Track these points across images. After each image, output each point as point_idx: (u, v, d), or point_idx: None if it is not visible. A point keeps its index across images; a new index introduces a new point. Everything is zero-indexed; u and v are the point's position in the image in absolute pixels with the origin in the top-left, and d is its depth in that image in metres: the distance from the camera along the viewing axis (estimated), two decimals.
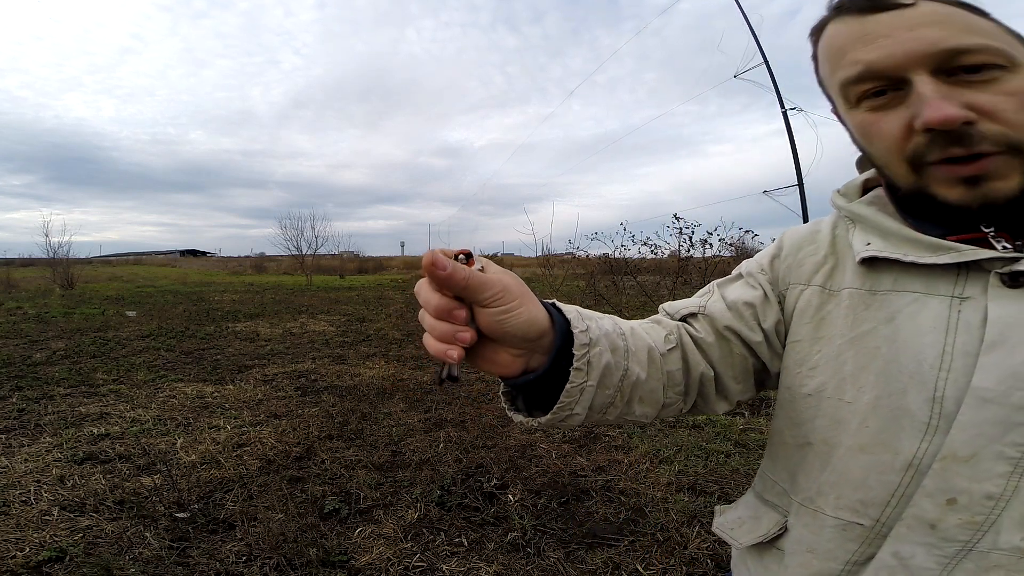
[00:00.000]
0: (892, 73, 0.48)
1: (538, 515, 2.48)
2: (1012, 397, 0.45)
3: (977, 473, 0.47)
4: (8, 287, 15.23)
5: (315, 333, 7.87)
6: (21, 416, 3.77)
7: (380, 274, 33.14)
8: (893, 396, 0.51)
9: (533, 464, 3.04)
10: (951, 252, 0.49)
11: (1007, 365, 0.46)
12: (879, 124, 0.50)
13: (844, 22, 0.51)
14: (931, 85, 0.46)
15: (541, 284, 10.62)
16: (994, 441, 0.46)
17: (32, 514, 2.39)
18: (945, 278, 0.50)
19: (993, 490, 0.47)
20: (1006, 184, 0.46)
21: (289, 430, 3.56)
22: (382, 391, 4.60)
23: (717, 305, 0.64)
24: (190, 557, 2.12)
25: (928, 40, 0.46)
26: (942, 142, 0.46)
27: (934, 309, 0.50)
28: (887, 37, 0.48)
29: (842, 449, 0.55)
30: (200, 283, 21.37)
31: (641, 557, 2.14)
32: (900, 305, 0.52)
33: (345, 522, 2.41)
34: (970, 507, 0.48)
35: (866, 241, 0.55)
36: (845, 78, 0.51)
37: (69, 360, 5.63)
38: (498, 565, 2.10)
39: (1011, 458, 0.46)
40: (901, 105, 0.49)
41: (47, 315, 9.31)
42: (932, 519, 0.49)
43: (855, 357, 0.54)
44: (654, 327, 0.63)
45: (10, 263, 30.42)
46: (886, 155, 0.51)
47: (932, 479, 0.49)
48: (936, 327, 0.50)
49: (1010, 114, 0.45)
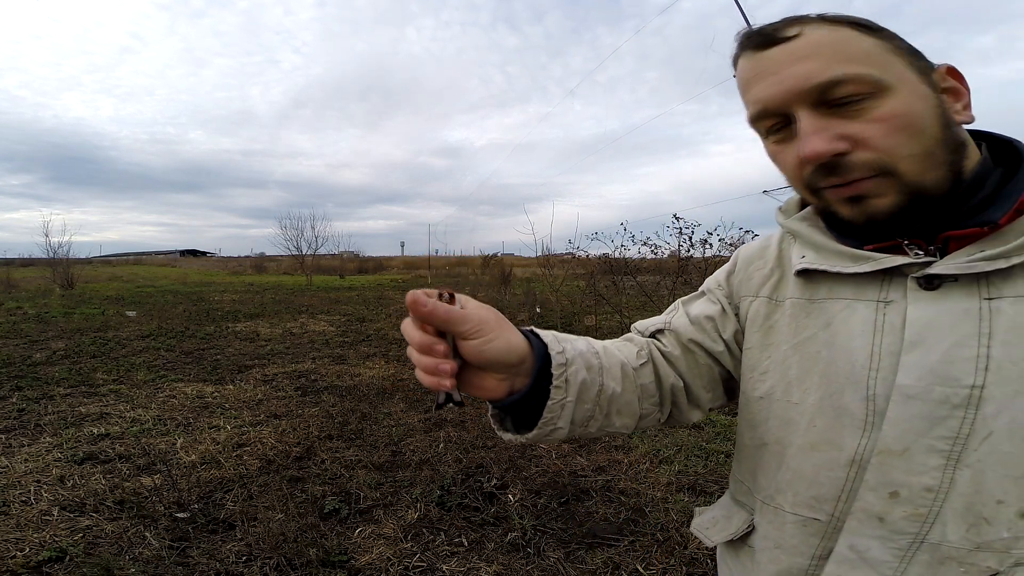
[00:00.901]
0: (780, 111, 0.52)
1: (538, 515, 2.48)
2: (932, 393, 0.49)
3: (912, 466, 0.50)
4: (8, 287, 15.23)
5: (315, 333, 7.87)
6: (21, 416, 3.77)
7: (380, 274, 33.15)
8: (834, 396, 0.55)
9: (533, 464, 3.04)
10: (869, 261, 0.53)
11: (926, 363, 0.49)
12: (781, 156, 0.55)
13: (746, 58, 0.55)
14: (808, 120, 0.50)
15: (541, 284, 10.62)
16: (923, 436, 0.49)
17: (32, 514, 2.39)
18: (872, 284, 0.54)
19: (931, 483, 0.50)
20: (883, 201, 0.50)
21: (289, 430, 3.56)
22: (382, 391, 4.60)
23: (681, 320, 0.70)
24: (190, 557, 2.12)
25: (803, 76, 0.50)
26: (823, 172, 0.51)
27: (863, 313, 0.54)
28: (774, 74, 0.51)
29: (793, 448, 0.58)
30: (200, 283, 21.38)
31: (641, 557, 2.14)
32: (834, 311, 0.56)
33: (345, 522, 2.41)
34: (912, 500, 0.50)
35: (801, 254, 0.60)
36: (749, 116, 0.56)
37: (69, 360, 5.63)
38: (498, 565, 2.10)
39: (941, 451, 0.49)
40: (794, 138, 0.53)
41: (47, 315, 9.31)
42: (879, 512, 0.52)
43: (799, 361, 0.58)
44: (626, 345, 0.69)
45: (10, 263, 30.44)
46: (792, 182, 0.56)
47: (872, 473, 0.52)
48: (865, 330, 0.53)
49: (879, 140, 0.48)
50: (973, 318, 0.48)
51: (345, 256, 35.38)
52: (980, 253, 0.48)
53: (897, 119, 0.48)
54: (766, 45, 0.52)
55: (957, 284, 0.49)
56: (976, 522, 0.48)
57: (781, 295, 0.63)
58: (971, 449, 0.48)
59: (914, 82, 0.50)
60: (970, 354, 0.48)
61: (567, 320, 8.26)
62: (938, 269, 0.49)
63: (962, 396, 0.48)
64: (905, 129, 0.48)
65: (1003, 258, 0.47)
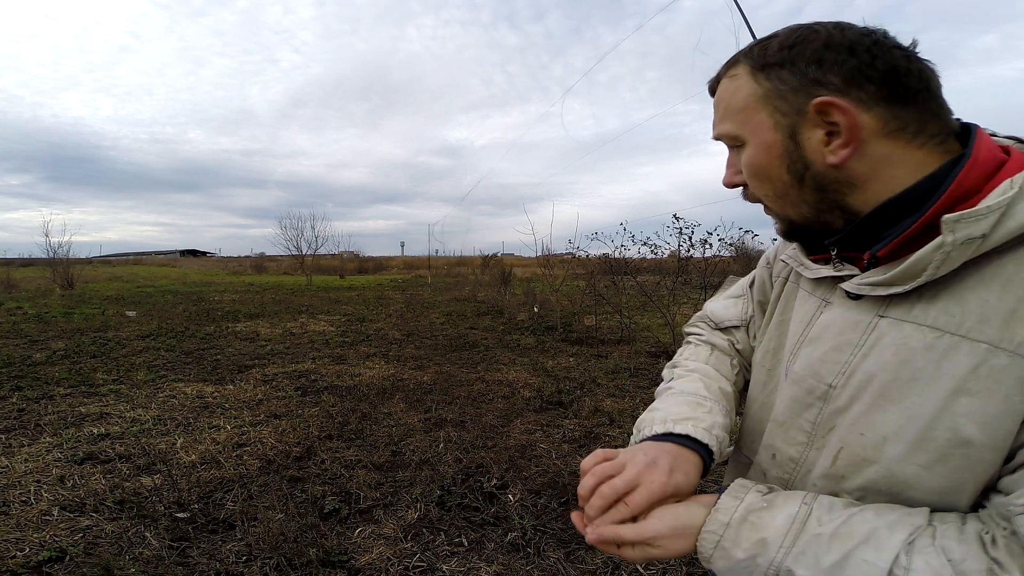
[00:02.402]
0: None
1: (538, 515, 2.48)
2: (805, 383, 0.59)
3: (787, 437, 0.61)
4: (8, 287, 15.23)
5: (315, 333, 7.87)
6: (21, 416, 3.77)
7: (380, 274, 33.14)
8: (776, 368, 0.67)
9: (533, 464, 3.04)
10: (810, 269, 0.63)
11: (811, 357, 0.59)
12: None
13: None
14: (729, 157, 0.61)
15: (541, 284, 10.62)
16: (796, 415, 0.60)
17: (32, 514, 2.39)
18: (823, 286, 0.63)
19: (795, 455, 0.60)
20: (779, 226, 0.62)
21: (289, 430, 3.56)
22: (382, 391, 4.60)
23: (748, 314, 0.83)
24: (190, 557, 2.12)
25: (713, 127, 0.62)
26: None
27: (808, 307, 0.64)
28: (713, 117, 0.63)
29: (756, 404, 0.71)
30: (200, 283, 21.37)
31: None
32: (798, 300, 0.67)
33: (345, 522, 2.41)
34: (783, 464, 0.62)
35: (788, 250, 0.71)
36: None
37: (69, 360, 5.63)
38: (498, 565, 2.10)
39: (806, 431, 0.59)
40: None
41: (47, 315, 9.31)
42: (764, 467, 0.65)
43: (776, 336, 0.69)
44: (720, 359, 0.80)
45: (10, 263, 30.42)
46: None
47: (767, 435, 0.65)
48: (803, 320, 0.63)
49: (749, 180, 0.59)
50: (859, 330, 0.55)
51: (345, 256, 35.36)
52: (867, 279, 0.54)
53: (749, 168, 0.58)
54: (712, 92, 0.63)
55: (870, 299, 0.55)
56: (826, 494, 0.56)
57: (786, 276, 0.73)
58: (820, 436, 0.58)
59: (765, 133, 0.55)
60: (841, 359, 0.56)
61: (567, 320, 8.26)
62: (844, 285, 0.57)
63: (821, 391, 0.58)
64: (755, 176, 0.58)
65: (883, 286, 0.52)
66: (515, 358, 6.00)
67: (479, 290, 14.42)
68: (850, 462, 0.54)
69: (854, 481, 0.54)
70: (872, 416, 0.52)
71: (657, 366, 5.43)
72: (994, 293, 0.46)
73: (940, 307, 0.49)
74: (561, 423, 3.77)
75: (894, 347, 0.51)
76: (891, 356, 0.51)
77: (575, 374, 5.21)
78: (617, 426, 3.67)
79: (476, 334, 7.84)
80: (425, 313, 10.67)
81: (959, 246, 0.46)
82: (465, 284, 16.99)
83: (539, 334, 7.64)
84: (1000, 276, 0.46)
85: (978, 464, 0.47)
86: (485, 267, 18.27)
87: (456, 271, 26.15)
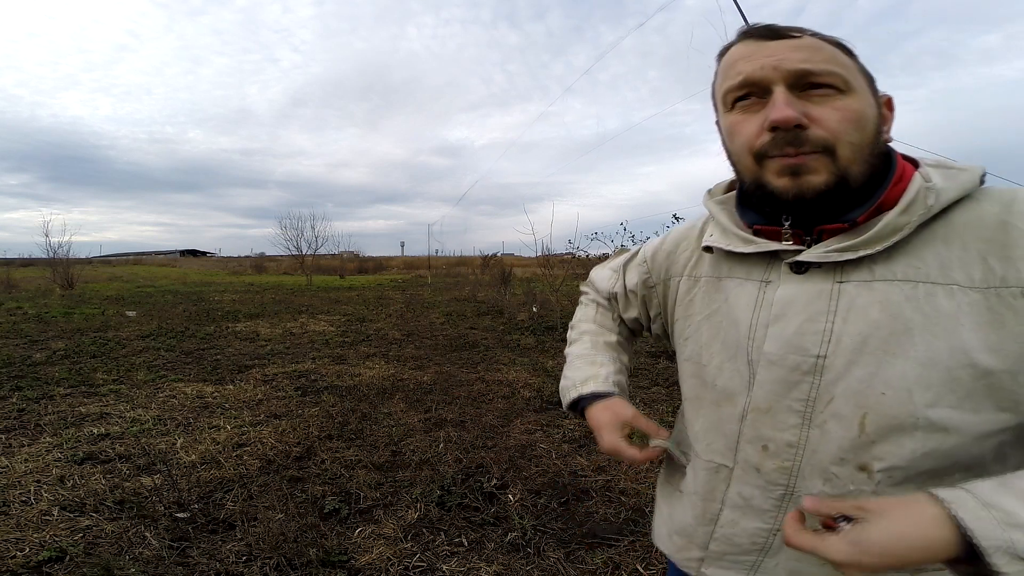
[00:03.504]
0: (760, 84, 0.59)
1: (538, 515, 2.48)
2: (787, 360, 0.59)
3: (776, 423, 0.60)
4: (8, 287, 15.22)
5: (315, 333, 7.87)
6: (21, 416, 3.76)
7: (380, 274, 33.13)
8: (729, 360, 0.66)
9: (533, 464, 3.04)
10: (754, 244, 0.63)
11: (784, 335, 0.59)
12: (743, 124, 0.61)
13: (746, 44, 0.61)
14: (783, 95, 0.57)
15: (541, 284, 10.62)
16: (782, 397, 0.59)
17: (32, 514, 2.39)
18: (759, 266, 0.64)
19: (791, 439, 0.59)
20: (817, 178, 0.56)
21: (289, 430, 3.56)
22: (382, 391, 4.60)
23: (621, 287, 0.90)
24: (190, 557, 2.12)
25: (793, 61, 0.57)
26: (780, 141, 0.57)
27: (749, 291, 0.65)
28: (768, 57, 0.59)
29: (706, 402, 0.69)
30: (200, 283, 21.37)
31: (641, 557, 2.14)
32: (731, 288, 0.67)
33: (345, 522, 2.41)
34: (779, 454, 0.60)
35: (710, 233, 0.70)
36: (729, 86, 0.62)
37: (69, 360, 5.63)
38: (498, 565, 2.10)
39: (798, 411, 0.58)
40: (762, 110, 0.59)
41: (47, 315, 9.31)
42: (756, 463, 0.62)
43: (708, 330, 0.69)
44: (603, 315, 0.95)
45: (10, 263, 30.41)
46: (741, 150, 0.62)
47: (748, 427, 0.63)
48: (749, 305, 0.64)
49: (832, 123, 0.56)
50: (825, 298, 0.58)
51: (345, 256, 35.34)
52: (836, 245, 0.57)
53: (850, 112, 0.57)
54: (772, 37, 0.60)
55: (820, 270, 0.59)
56: (828, 477, 0.57)
57: (698, 273, 0.74)
58: (819, 411, 0.57)
59: (867, 94, 0.60)
60: (818, 328, 0.57)
61: (567, 320, 8.25)
62: (804, 256, 0.59)
63: (809, 364, 0.58)
64: (853, 122, 0.57)
65: (851, 251, 0.56)
66: (515, 358, 6.00)
67: (479, 290, 14.41)
68: (880, 424, 0.54)
69: (887, 444, 0.54)
70: (883, 374, 0.54)
71: (657, 366, 5.44)
72: (942, 247, 0.55)
73: (902, 264, 0.56)
74: (561, 423, 3.77)
75: (877, 305, 0.55)
76: (878, 314, 0.55)
77: None
78: None
79: (476, 334, 7.84)
80: (425, 313, 10.67)
81: (920, 213, 0.55)
82: (465, 284, 16.99)
83: (539, 334, 7.64)
84: (939, 234, 0.56)
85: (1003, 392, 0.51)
86: (485, 267, 18.27)
87: (456, 271, 26.14)
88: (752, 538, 0.63)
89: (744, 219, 0.67)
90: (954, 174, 0.57)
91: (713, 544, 0.67)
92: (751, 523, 0.63)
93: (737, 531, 0.64)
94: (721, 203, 0.71)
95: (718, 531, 0.66)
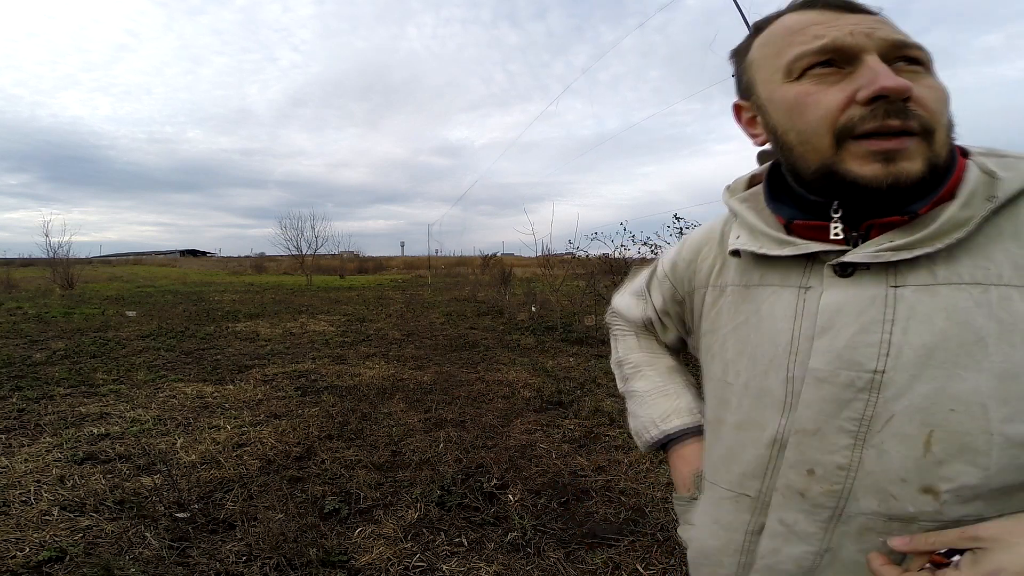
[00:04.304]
0: (849, 50, 0.51)
1: (538, 515, 2.48)
2: (839, 377, 0.52)
3: (825, 445, 0.53)
4: (8, 287, 15.22)
5: (315, 333, 7.87)
6: (21, 416, 3.76)
7: (380, 274, 33.14)
8: (758, 378, 0.59)
9: (533, 464, 3.04)
10: (791, 246, 0.56)
11: (833, 348, 0.52)
12: (819, 95, 0.52)
13: (816, 11, 0.55)
14: (878, 63, 0.50)
15: (541, 284, 10.62)
16: (833, 417, 0.53)
17: (32, 514, 2.39)
18: (796, 270, 0.57)
19: (842, 461, 0.52)
20: (914, 165, 0.49)
21: (289, 430, 3.56)
22: (382, 391, 4.60)
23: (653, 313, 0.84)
24: (190, 557, 2.12)
25: (883, 32, 0.52)
26: (882, 113, 0.49)
27: (786, 299, 0.57)
28: (854, 25, 0.52)
29: (727, 426, 0.63)
30: (200, 283, 21.37)
31: (641, 557, 2.14)
32: (764, 297, 0.60)
33: (345, 522, 2.41)
34: (827, 477, 0.53)
35: (736, 235, 0.63)
36: (802, 51, 0.53)
37: (69, 360, 5.63)
38: (498, 565, 2.10)
39: (850, 431, 0.52)
40: (844, 80, 0.51)
41: (47, 315, 9.31)
42: (800, 488, 0.55)
43: (735, 344, 0.63)
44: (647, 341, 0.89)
45: (10, 263, 30.41)
46: (816, 125, 0.52)
47: (792, 451, 0.56)
48: (787, 315, 0.57)
49: (930, 103, 0.50)
50: (879, 305, 0.51)
51: (345, 256, 35.35)
52: (889, 243, 0.51)
53: (940, 92, 0.51)
54: (848, 10, 0.54)
55: (869, 272, 0.52)
56: (885, 497, 0.51)
57: (724, 281, 0.66)
58: (875, 431, 0.51)
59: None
60: (873, 340, 0.51)
61: (567, 320, 8.26)
62: (851, 257, 0.52)
63: (865, 380, 0.51)
64: (943, 102, 0.51)
65: (907, 249, 0.50)
66: (515, 358, 6.00)
67: (479, 290, 14.41)
68: (949, 443, 0.49)
69: (957, 463, 0.49)
70: (953, 388, 0.49)
71: None
72: (1012, 244, 0.49)
73: (968, 265, 0.50)
74: (561, 423, 3.77)
75: (943, 312, 0.49)
76: (944, 322, 0.49)
77: (575, 374, 5.21)
78: (617, 426, 3.67)
79: (476, 334, 7.84)
80: (425, 313, 10.67)
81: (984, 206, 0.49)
82: (465, 284, 16.99)
83: (539, 334, 7.64)
84: (1007, 230, 0.50)
85: None
86: (485, 267, 18.27)
87: (456, 271, 26.14)
88: (798, 562, 0.58)
89: (779, 213, 0.60)
90: (1012, 163, 0.52)
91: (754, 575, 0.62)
92: (796, 548, 0.57)
93: (781, 558, 0.58)
94: (746, 200, 0.64)
95: (759, 562, 0.61)
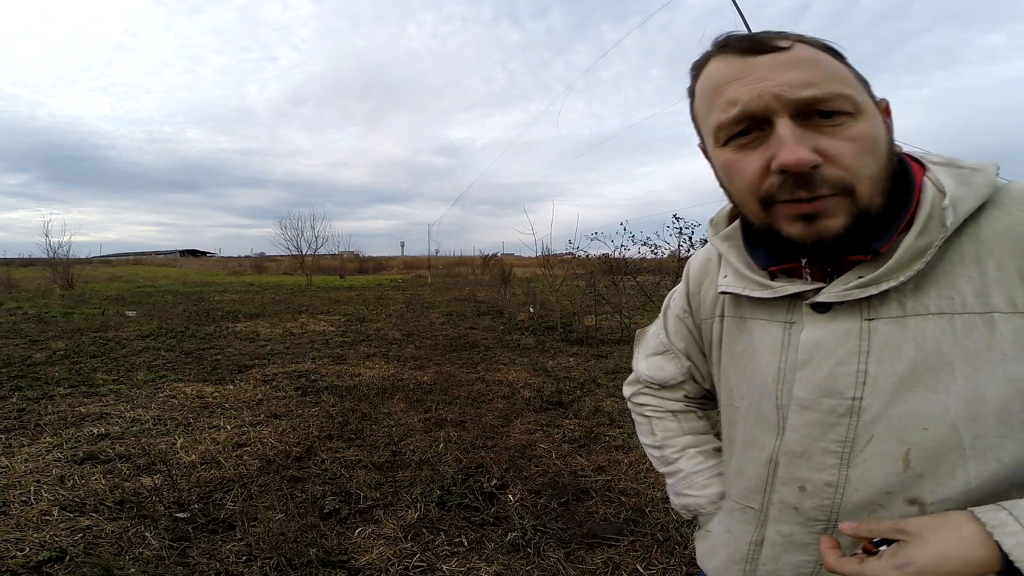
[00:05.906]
0: (760, 115, 0.52)
1: (538, 515, 2.48)
2: (822, 404, 0.56)
3: (813, 465, 0.58)
4: (8, 287, 15.22)
5: (315, 333, 7.87)
6: (21, 416, 3.76)
7: (380, 274, 33.14)
8: (756, 403, 0.64)
9: (533, 464, 3.04)
10: (771, 289, 0.60)
11: (815, 379, 0.57)
12: (741, 163, 0.54)
13: (726, 61, 0.54)
14: (789, 128, 0.50)
15: (541, 284, 10.62)
16: (818, 440, 0.57)
17: (32, 514, 2.39)
18: (781, 307, 0.61)
19: (829, 479, 0.57)
20: (835, 222, 0.51)
21: (289, 430, 3.56)
22: (382, 391, 4.60)
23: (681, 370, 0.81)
24: (190, 557, 2.12)
25: (798, 84, 0.50)
26: (791, 185, 0.50)
27: (773, 333, 0.61)
28: (761, 80, 0.51)
29: (736, 445, 0.68)
30: (200, 283, 21.37)
31: (641, 557, 2.14)
32: (754, 329, 0.64)
33: (345, 522, 2.41)
34: (817, 493, 0.58)
35: (724, 274, 0.67)
36: (720, 121, 0.54)
37: (69, 360, 5.63)
38: (498, 565, 2.10)
39: (835, 452, 0.56)
40: (762, 146, 0.52)
41: (47, 315, 9.31)
42: (793, 503, 0.60)
43: (736, 372, 0.68)
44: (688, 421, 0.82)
45: (10, 263, 30.40)
46: (743, 193, 0.56)
47: (783, 470, 0.61)
48: (775, 348, 0.61)
49: (848, 159, 0.50)
50: (855, 338, 0.55)
51: (345, 256, 35.35)
52: (857, 280, 0.54)
53: (866, 140, 0.51)
54: (756, 52, 0.52)
55: (844, 307, 0.55)
56: (874, 509, 0.55)
57: (723, 312, 0.70)
58: (858, 451, 0.55)
59: (873, 109, 0.53)
60: (851, 370, 0.55)
61: (567, 320, 8.26)
62: (823, 297, 0.56)
63: (845, 407, 0.55)
64: (870, 151, 0.51)
65: (874, 284, 0.52)
66: (515, 358, 6.00)
67: (479, 290, 14.41)
68: (926, 459, 0.52)
69: (937, 476, 0.52)
70: (923, 409, 0.52)
71: None
72: (973, 269, 0.51)
73: (933, 296, 0.52)
74: (561, 423, 3.77)
75: (912, 343, 0.52)
76: (914, 352, 0.52)
77: (575, 374, 5.21)
78: (617, 426, 3.67)
79: (476, 334, 7.84)
80: (425, 313, 10.67)
81: (939, 233, 0.51)
82: (465, 284, 16.99)
83: (539, 334, 7.64)
84: (969, 253, 0.52)
85: None
86: (485, 267, 18.28)
87: (456, 271, 26.15)
88: (797, 570, 0.62)
89: (756, 259, 0.62)
90: (967, 176, 0.52)
91: None
92: (794, 557, 0.62)
93: (781, 566, 0.63)
94: (728, 239, 0.66)
95: (761, 568, 0.65)
